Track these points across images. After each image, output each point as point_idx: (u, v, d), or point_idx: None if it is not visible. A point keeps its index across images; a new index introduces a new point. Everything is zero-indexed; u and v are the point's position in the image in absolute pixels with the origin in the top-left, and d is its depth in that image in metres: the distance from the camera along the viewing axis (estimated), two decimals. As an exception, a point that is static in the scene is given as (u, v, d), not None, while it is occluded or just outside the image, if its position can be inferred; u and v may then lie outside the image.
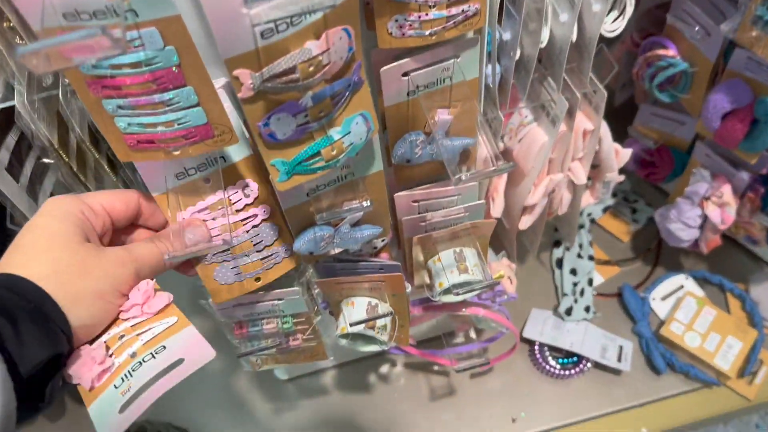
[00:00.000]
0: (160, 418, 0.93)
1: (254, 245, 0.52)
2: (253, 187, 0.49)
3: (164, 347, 0.44)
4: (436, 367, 0.97)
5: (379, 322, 0.62)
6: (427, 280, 0.67)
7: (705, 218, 0.87)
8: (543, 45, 0.59)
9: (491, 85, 0.62)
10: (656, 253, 1.06)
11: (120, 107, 0.38)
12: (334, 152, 0.41)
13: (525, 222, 0.79)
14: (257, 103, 0.36)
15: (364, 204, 0.46)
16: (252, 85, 0.35)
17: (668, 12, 0.76)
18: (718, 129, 0.74)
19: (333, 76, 0.38)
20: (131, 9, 0.33)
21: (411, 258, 0.65)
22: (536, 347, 0.96)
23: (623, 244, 1.08)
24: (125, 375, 0.43)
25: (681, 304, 0.96)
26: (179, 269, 0.52)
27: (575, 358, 0.95)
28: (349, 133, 0.41)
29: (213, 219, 0.49)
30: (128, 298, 0.46)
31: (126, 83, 0.37)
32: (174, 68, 0.36)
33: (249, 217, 0.50)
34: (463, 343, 0.92)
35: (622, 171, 0.84)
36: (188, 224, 0.48)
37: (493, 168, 0.44)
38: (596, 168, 0.81)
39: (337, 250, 0.56)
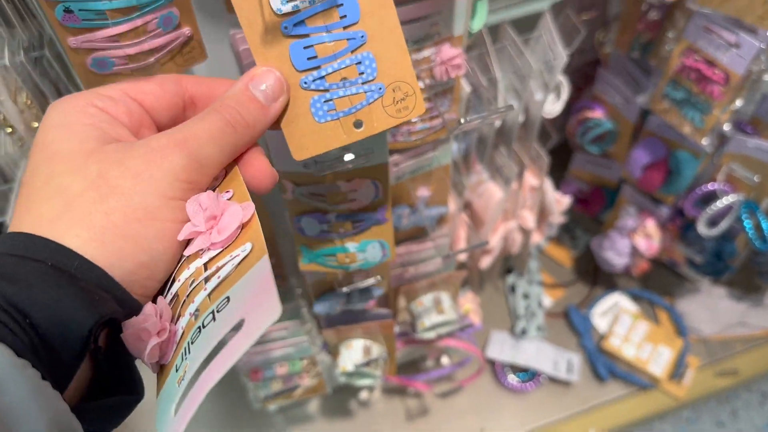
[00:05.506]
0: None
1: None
2: None
3: (228, 299, 0.28)
4: (410, 390, 1.08)
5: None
6: (408, 319, 0.79)
7: (633, 247, 1.02)
8: (497, 126, 0.72)
9: (455, 159, 0.75)
10: (594, 274, 1.21)
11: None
12: (347, 260, 0.52)
13: (485, 262, 0.92)
14: (294, 204, 0.48)
15: (376, 280, 0.58)
16: (292, 193, 0.46)
17: (594, 83, 0.91)
18: (640, 178, 0.89)
19: (358, 208, 0.49)
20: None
21: (395, 303, 0.77)
22: (497, 365, 1.09)
23: (566, 269, 1.23)
24: (186, 350, 0.29)
25: (617, 320, 1.12)
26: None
27: (531, 373, 1.09)
28: (365, 251, 0.52)
29: None
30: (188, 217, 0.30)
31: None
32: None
33: None
34: (436, 367, 1.05)
35: (562, 210, 0.99)
36: (252, 78, 0.34)
37: (469, 246, 0.56)
38: (542, 212, 0.95)
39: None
